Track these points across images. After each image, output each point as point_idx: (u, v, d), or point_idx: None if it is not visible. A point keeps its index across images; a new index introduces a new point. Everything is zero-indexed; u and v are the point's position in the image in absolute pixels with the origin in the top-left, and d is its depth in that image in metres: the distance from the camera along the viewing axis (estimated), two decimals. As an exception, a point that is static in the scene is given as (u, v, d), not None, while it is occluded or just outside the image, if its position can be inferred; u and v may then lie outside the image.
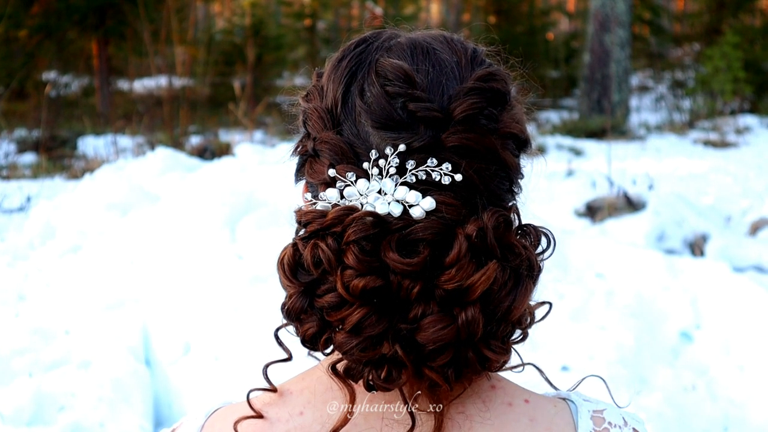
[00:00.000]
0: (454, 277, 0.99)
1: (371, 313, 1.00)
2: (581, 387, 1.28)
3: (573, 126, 17.18)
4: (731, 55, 18.15)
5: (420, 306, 1.00)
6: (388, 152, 1.04)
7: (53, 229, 7.74)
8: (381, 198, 1.03)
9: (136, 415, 4.63)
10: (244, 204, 7.13)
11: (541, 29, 27.08)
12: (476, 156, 1.06)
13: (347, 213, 1.02)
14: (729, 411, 4.71)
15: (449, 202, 1.03)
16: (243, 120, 15.81)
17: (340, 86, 1.10)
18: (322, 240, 1.02)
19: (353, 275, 0.99)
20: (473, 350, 1.02)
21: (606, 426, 1.19)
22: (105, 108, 19.57)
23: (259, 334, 5.04)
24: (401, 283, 0.99)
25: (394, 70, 1.06)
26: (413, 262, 0.99)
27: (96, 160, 13.29)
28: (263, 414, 1.15)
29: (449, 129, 1.04)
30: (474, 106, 1.06)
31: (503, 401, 1.15)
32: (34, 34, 19.38)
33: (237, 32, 24.21)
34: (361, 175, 1.05)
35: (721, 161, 13.06)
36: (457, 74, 1.09)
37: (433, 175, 1.03)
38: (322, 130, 1.09)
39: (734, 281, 5.68)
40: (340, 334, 1.02)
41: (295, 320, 1.06)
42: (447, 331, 0.99)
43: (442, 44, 1.13)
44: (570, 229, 7.72)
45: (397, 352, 1.00)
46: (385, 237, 1.00)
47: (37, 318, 5.77)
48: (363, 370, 1.03)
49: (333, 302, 1.01)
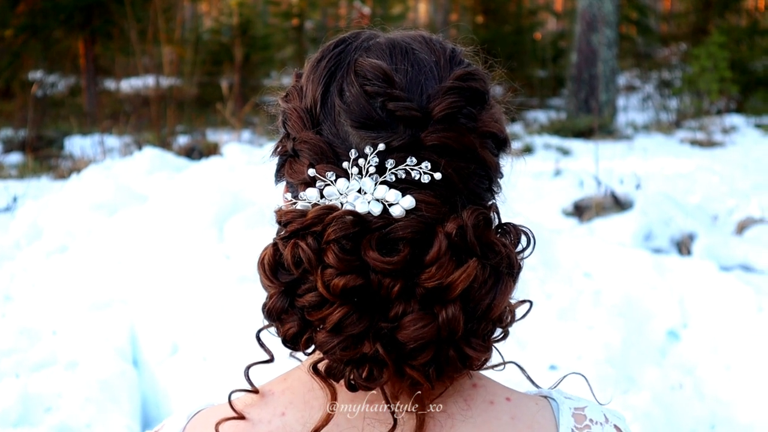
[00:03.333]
0: (434, 275, 1.00)
1: (352, 312, 1.00)
2: (564, 385, 1.29)
3: (560, 125, 17.22)
4: (718, 55, 18.22)
5: (400, 304, 1.00)
6: (368, 151, 1.04)
7: (40, 230, 7.71)
8: (361, 197, 1.03)
9: (124, 416, 4.61)
10: (231, 204, 7.11)
11: (529, 29, 27.12)
12: (455, 155, 1.06)
13: (327, 212, 1.02)
14: (716, 410, 4.73)
15: (429, 201, 1.03)
16: (230, 120, 15.77)
17: (319, 86, 1.10)
18: (302, 239, 1.02)
19: (333, 274, 0.99)
20: (454, 348, 1.02)
21: (587, 423, 1.19)
22: (92, 108, 19.50)
23: (246, 334, 5.02)
24: (381, 281, 1.00)
25: (373, 69, 1.07)
26: (393, 261, 0.99)
27: (83, 160, 13.23)
28: (245, 415, 1.15)
29: (428, 128, 1.05)
30: (453, 105, 1.06)
31: (485, 399, 1.15)
32: (19, 33, 19.29)
33: (224, 32, 24.19)
34: (340, 174, 1.05)
35: (708, 161, 13.11)
36: (436, 74, 1.10)
37: (412, 173, 1.04)
38: (302, 130, 1.09)
39: (721, 280, 5.70)
40: (321, 334, 1.02)
41: (275, 320, 1.06)
42: (428, 329, 0.99)
43: (421, 44, 1.14)
44: (557, 228, 7.73)
45: (378, 351, 1.00)
46: (365, 236, 1.01)
47: (24, 318, 5.75)
48: (344, 370, 1.03)
49: (314, 301, 1.01)
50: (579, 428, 1.18)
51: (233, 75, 21.66)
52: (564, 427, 1.18)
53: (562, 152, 13.90)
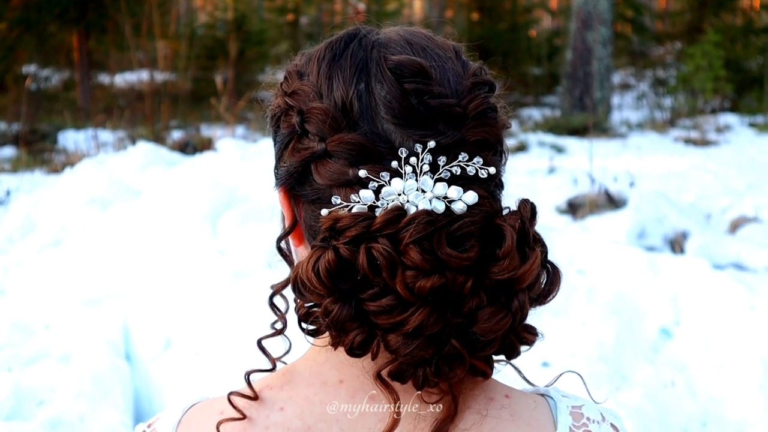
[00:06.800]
0: (506, 268, 1.01)
1: (432, 313, 0.99)
2: (558, 383, 1.29)
3: (555, 123, 17.21)
4: (712, 54, 18.24)
5: (474, 299, 1.00)
6: (418, 149, 1.04)
7: (33, 224, 7.69)
8: (422, 196, 1.03)
9: (117, 410, 4.61)
10: (225, 199, 7.11)
11: (524, 26, 27.10)
12: (491, 148, 1.08)
13: (401, 213, 1.01)
14: (708, 407, 4.74)
15: (484, 195, 1.04)
16: (225, 115, 15.75)
17: (350, 85, 1.08)
18: (375, 242, 1.00)
19: (417, 276, 0.98)
20: (515, 335, 1.05)
21: (584, 421, 1.20)
22: (86, 102, 19.45)
23: (240, 329, 5.03)
24: (456, 278, 0.99)
25: (411, 65, 1.06)
26: (470, 257, 1.00)
27: (76, 154, 13.19)
28: (243, 411, 1.15)
29: (467, 124, 1.06)
30: (485, 100, 1.08)
31: (485, 396, 1.15)
32: (13, 26, 19.21)
33: (219, 27, 24.10)
34: (393, 174, 1.04)
35: (702, 159, 13.12)
36: (455, 69, 1.11)
37: (467, 169, 1.05)
38: (334, 131, 1.07)
39: (714, 278, 5.71)
40: (395, 337, 1.00)
41: (339, 330, 1.03)
42: (505, 321, 1.01)
43: (429, 40, 1.14)
44: (551, 226, 7.74)
45: (455, 347, 1.01)
46: (435, 234, 1.00)
47: (17, 312, 5.74)
48: (417, 371, 1.02)
49: (389, 305, 1.00)
50: (577, 426, 1.19)
51: (228, 70, 21.58)
52: (562, 425, 1.18)
53: (556, 150, 13.89)
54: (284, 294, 1.22)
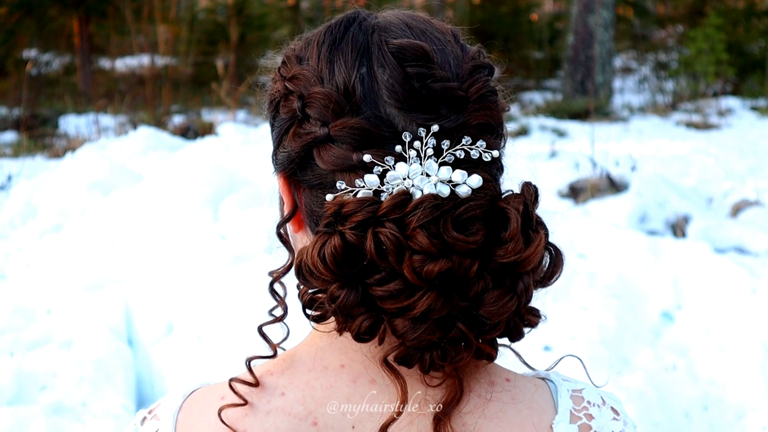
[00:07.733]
0: (511, 251, 1.01)
1: (439, 296, 0.99)
2: (559, 367, 1.29)
3: (556, 107, 17.18)
4: (714, 37, 18.18)
5: (480, 282, 1.01)
6: (422, 133, 1.03)
7: (34, 209, 7.69)
8: (427, 180, 1.02)
9: (119, 395, 4.62)
10: (226, 183, 7.10)
11: (525, 10, 26.97)
12: (492, 131, 1.08)
13: (406, 198, 1.01)
14: (709, 391, 4.75)
15: (487, 178, 1.04)
16: (226, 99, 15.72)
17: (352, 68, 1.07)
18: (382, 227, 1.00)
19: (424, 260, 0.98)
20: (519, 317, 1.05)
21: (585, 405, 1.20)
22: (86, 86, 19.40)
23: (241, 314, 5.03)
24: (462, 262, 0.99)
25: (414, 49, 1.05)
26: (476, 240, 1.00)
27: (77, 139, 13.18)
28: (244, 396, 1.14)
29: (469, 107, 1.05)
30: (486, 84, 1.08)
31: (486, 380, 1.15)
32: (14, 11, 19.16)
33: (220, 11, 24.00)
34: (398, 158, 1.03)
35: (704, 143, 13.10)
36: (455, 53, 1.10)
37: (471, 153, 1.04)
38: (337, 115, 1.06)
39: (715, 262, 5.71)
40: (401, 322, 1.00)
41: (345, 315, 1.03)
42: (511, 303, 1.01)
43: (427, 23, 1.14)
44: (552, 209, 7.73)
45: (461, 330, 1.01)
46: (441, 218, 1.00)
47: (19, 297, 5.75)
48: (424, 355, 1.02)
49: (397, 289, 1.00)
50: (577, 410, 1.19)
51: (229, 54, 21.52)
52: (562, 409, 1.18)
53: (557, 134, 13.87)
54: (281, 281, 1.21)
